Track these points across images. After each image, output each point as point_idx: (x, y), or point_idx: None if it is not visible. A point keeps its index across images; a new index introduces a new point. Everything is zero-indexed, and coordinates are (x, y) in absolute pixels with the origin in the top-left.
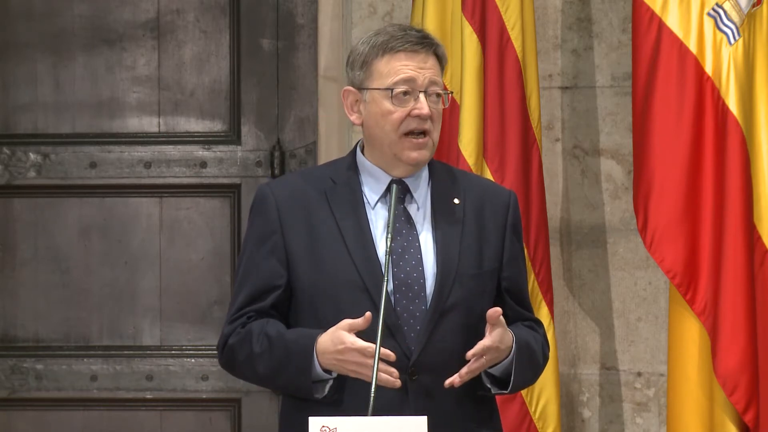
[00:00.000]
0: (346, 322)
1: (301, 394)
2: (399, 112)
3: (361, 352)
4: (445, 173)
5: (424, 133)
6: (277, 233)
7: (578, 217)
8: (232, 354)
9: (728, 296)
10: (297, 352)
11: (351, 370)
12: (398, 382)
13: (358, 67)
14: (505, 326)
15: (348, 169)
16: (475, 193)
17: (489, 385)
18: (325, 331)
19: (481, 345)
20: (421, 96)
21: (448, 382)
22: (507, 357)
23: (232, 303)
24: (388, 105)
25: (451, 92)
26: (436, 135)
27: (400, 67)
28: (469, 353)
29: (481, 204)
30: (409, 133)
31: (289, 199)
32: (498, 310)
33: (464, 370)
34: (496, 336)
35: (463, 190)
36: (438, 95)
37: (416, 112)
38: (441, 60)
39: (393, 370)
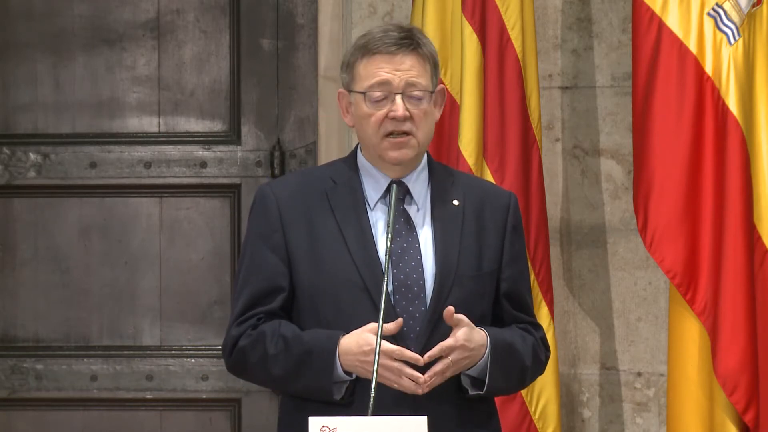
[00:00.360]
0: (373, 324)
1: (318, 396)
2: (376, 115)
3: (386, 354)
4: (445, 175)
5: (405, 133)
6: (278, 232)
7: (578, 217)
8: (244, 356)
9: (728, 296)
10: (317, 353)
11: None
12: (420, 390)
13: (345, 70)
14: (472, 325)
15: (349, 169)
16: (475, 194)
17: (467, 386)
18: (341, 332)
19: (439, 346)
20: (398, 98)
21: (420, 390)
22: (483, 357)
23: (235, 303)
24: (366, 108)
25: (432, 91)
26: (421, 135)
27: (375, 71)
28: (425, 356)
29: (481, 206)
30: (389, 134)
31: (290, 199)
32: (450, 309)
33: (427, 375)
34: (461, 335)
35: (462, 192)
36: (417, 96)
37: (392, 114)
38: (428, 58)
39: (418, 375)
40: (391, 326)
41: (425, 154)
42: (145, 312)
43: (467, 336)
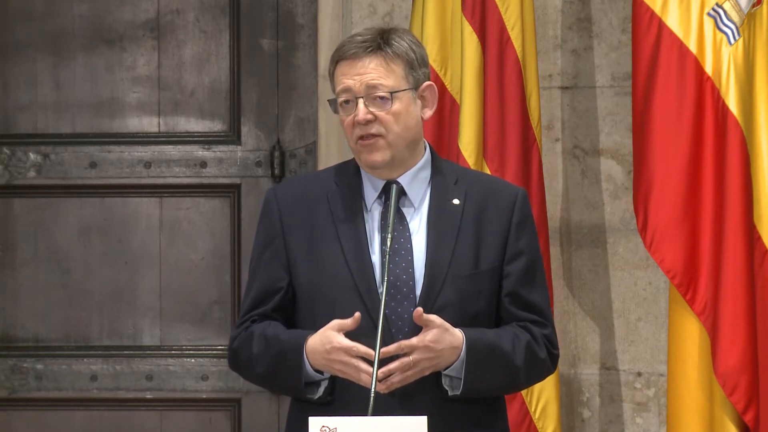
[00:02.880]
0: (336, 322)
1: (295, 394)
2: (347, 121)
3: (346, 351)
4: (448, 173)
5: (373, 135)
6: (279, 237)
7: (578, 217)
8: (237, 357)
9: (728, 296)
10: (289, 351)
11: (338, 369)
12: (381, 385)
13: (329, 78)
14: (446, 326)
15: (351, 172)
16: (479, 192)
17: (446, 387)
18: (310, 331)
19: (398, 344)
20: (359, 102)
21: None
22: (458, 358)
23: (241, 307)
24: (340, 114)
25: (393, 92)
26: (391, 136)
27: (340, 77)
28: (383, 350)
29: (484, 203)
30: (361, 138)
31: (293, 202)
32: (419, 310)
33: (380, 371)
34: (429, 336)
35: (465, 191)
36: (382, 98)
37: (355, 120)
38: (396, 57)
39: (369, 369)
40: (348, 322)
41: (427, 152)
42: (145, 312)
43: (435, 337)
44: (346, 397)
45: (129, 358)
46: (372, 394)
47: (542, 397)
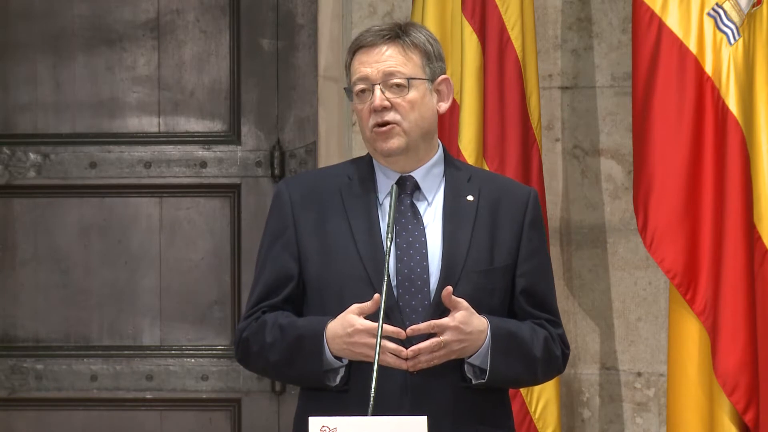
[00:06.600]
0: (355, 306)
1: (312, 382)
2: (363, 109)
3: (369, 332)
4: (461, 171)
5: (388, 122)
6: (290, 229)
7: (578, 217)
8: (247, 347)
9: (728, 296)
10: (308, 338)
11: (360, 352)
12: (405, 365)
13: (345, 73)
14: (471, 310)
15: (364, 166)
16: (492, 190)
17: (470, 375)
18: (330, 317)
19: (430, 323)
20: (376, 89)
21: (405, 365)
22: (483, 344)
23: (248, 299)
24: (356, 103)
25: (409, 79)
26: (407, 124)
27: (357, 66)
28: (410, 328)
29: (498, 202)
30: (377, 126)
31: (305, 195)
32: (448, 288)
33: (410, 349)
34: (458, 316)
35: (478, 188)
36: (399, 85)
37: (371, 106)
38: (415, 47)
39: (401, 348)
40: (367, 305)
41: (440, 149)
42: (145, 312)
43: (464, 319)
44: (359, 386)
45: (129, 358)
46: (372, 394)
47: (542, 397)
